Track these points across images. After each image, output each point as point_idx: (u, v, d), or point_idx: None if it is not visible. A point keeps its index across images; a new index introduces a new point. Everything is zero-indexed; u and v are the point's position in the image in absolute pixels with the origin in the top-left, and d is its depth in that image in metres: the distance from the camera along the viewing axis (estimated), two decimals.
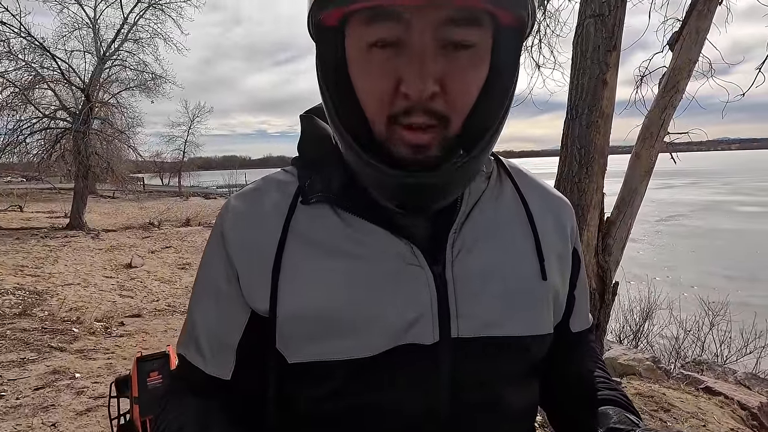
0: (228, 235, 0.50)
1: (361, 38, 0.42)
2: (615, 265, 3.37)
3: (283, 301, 0.47)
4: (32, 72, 11.15)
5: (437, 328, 0.46)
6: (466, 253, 0.49)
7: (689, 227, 16.81)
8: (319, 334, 0.46)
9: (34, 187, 22.83)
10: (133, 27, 12.32)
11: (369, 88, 0.43)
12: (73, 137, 11.45)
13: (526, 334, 0.49)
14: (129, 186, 15.04)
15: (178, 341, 0.55)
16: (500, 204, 0.53)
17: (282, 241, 0.48)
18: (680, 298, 6.28)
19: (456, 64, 0.42)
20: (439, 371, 0.46)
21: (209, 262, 0.52)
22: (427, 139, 0.43)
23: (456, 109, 0.43)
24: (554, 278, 0.53)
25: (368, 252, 0.47)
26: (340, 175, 0.49)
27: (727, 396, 3.26)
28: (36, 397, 2.57)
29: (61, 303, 5.17)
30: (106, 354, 3.34)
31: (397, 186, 0.44)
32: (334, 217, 0.49)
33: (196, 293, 0.54)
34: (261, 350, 0.49)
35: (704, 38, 3.21)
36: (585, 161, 3.20)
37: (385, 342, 0.45)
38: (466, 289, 0.47)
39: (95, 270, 7.89)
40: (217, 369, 0.50)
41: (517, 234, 0.52)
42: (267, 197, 0.51)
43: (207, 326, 0.51)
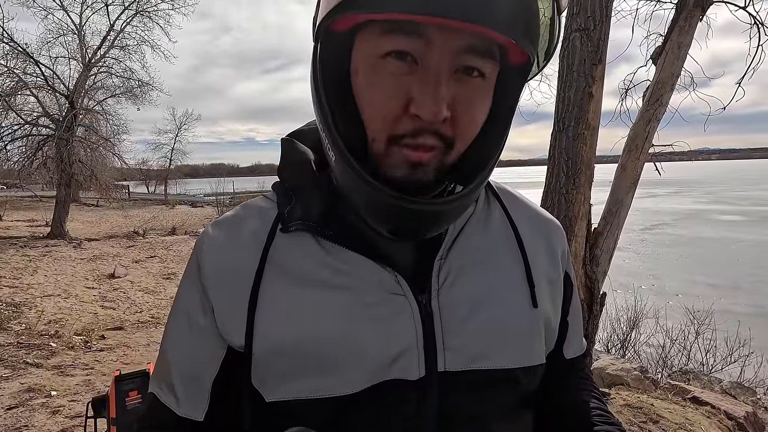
0: (204, 265, 0.47)
1: (373, 48, 0.40)
2: (603, 275, 3.39)
3: (259, 335, 0.44)
4: (14, 78, 10.95)
5: (423, 362, 0.44)
6: (452, 281, 0.47)
7: (673, 236, 17.13)
8: (298, 371, 0.44)
9: (14, 195, 22.27)
10: (120, 34, 12.21)
11: (376, 104, 0.41)
12: (55, 144, 11.24)
13: (517, 366, 0.47)
14: (113, 194, 14.77)
15: (151, 378, 0.51)
16: (488, 228, 0.51)
17: (260, 271, 0.45)
18: (666, 307, 6.36)
19: (466, 92, 0.41)
20: (425, 407, 0.44)
21: (184, 293, 0.49)
22: (426, 158, 0.41)
23: (461, 136, 0.42)
24: (545, 305, 0.51)
25: (350, 282, 0.45)
26: (320, 202, 0.47)
27: (714, 406, 3.29)
28: (8, 418, 2.45)
29: (40, 315, 5.00)
30: (84, 370, 3.22)
31: (398, 211, 0.41)
32: (315, 246, 0.46)
33: (170, 326, 0.50)
34: (237, 387, 0.46)
35: (686, 53, 3.29)
36: (572, 173, 3.23)
37: (368, 378, 0.43)
38: (452, 320, 0.45)
39: (76, 281, 7.71)
40: (190, 410, 0.47)
41: (506, 260, 0.50)
42: (245, 225, 0.49)
43: (180, 363, 0.48)
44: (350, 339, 0.43)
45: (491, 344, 0.46)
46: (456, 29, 0.38)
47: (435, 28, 0.38)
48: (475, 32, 0.38)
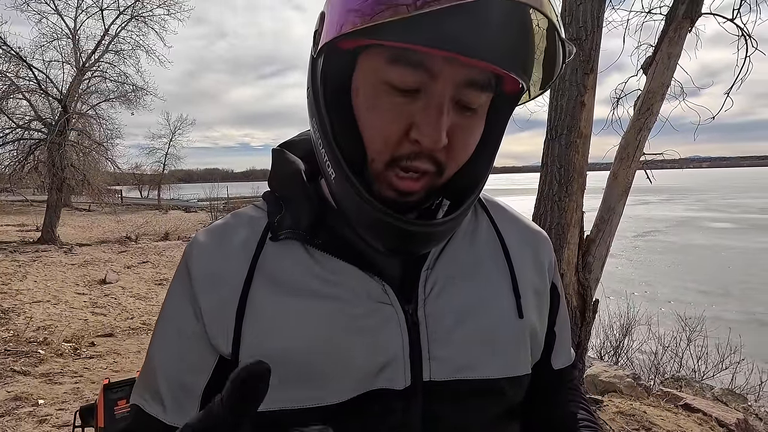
0: (193, 271, 0.47)
1: (378, 73, 0.40)
2: (595, 282, 3.41)
3: (246, 343, 0.44)
4: (6, 81, 10.87)
5: (409, 371, 0.44)
6: (438, 291, 0.47)
7: (665, 243, 17.28)
8: (284, 380, 0.43)
9: (5, 200, 22.01)
10: (115, 38, 12.18)
11: (378, 127, 0.42)
12: (48, 148, 11.14)
13: (502, 377, 0.48)
14: (106, 198, 14.64)
15: (134, 390, 0.50)
16: (475, 239, 0.52)
17: (248, 278, 0.45)
18: (658, 314, 6.40)
19: (463, 121, 0.42)
20: (411, 417, 0.44)
21: (173, 300, 0.49)
22: (417, 187, 0.43)
23: (454, 162, 0.44)
24: (531, 316, 0.51)
25: (338, 291, 0.45)
26: (309, 211, 0.48)
27: (705, 413, 3.30)
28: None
29: (28, 322, 4.93)
30: (73, 378, 3.17)
31: (395, 231, 0.42)
32: (304, 255, 0.47)
33: (158, 333, 0.50)
34: None
35: (676, 63, 3.34)
36: (565, 180, 3.26)
37: (354, 387, 0.43)
38: (438, 330, 0.46)
39: (67, 286, 7.61)
40: (178, 418, 0.46)
41: (493, 270, 0.51)
42: (235, 233, 0.49)
43: (168, 370, 0.47)
44: (337, 349, 0.44)
45: (477, 354, 0.47)
46: (463, 63, 0.39)
47: (442, 61, 0.39)
48: (480, 67, 0.39)
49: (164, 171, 31.53)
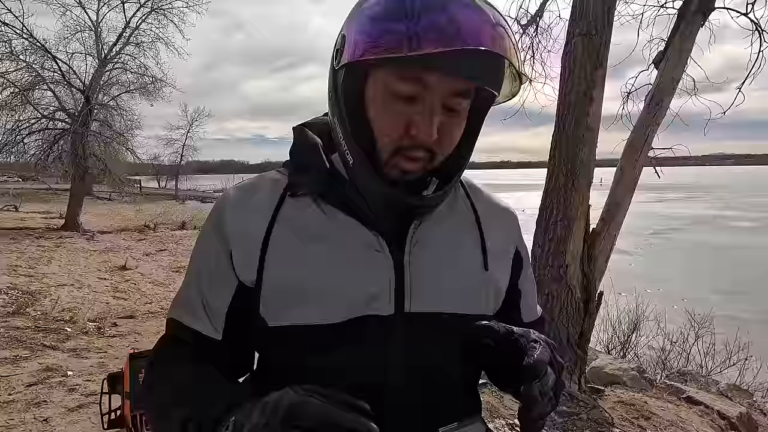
0: (226, 217, 0.60)
1: (387, 85, 0.53)
2: (600, 275, 3.46)
3: (268, 273, 0.56)
4: (33, 73, 11.22)
5: (393, 302, 0.56)
6: (422, 245, 0.59)
7: (682, 241, 16.97)
8: (296, 303, 0.55)
9: (30, 188, 22.77)
10: (135, 31, 12.44)
11: (387, 126, 0.55)
12: (71, 138, 11.50)
13: (469, 313, 0.59)
14: (125, 188, 15.04)
15: (171, 310, 0.63)
16: (453, 209, 0.65)
17: (271, 225, 0.58)
18: (670, 311, 6.36)
19: (448, 121, 0.55)
20: (393, 338, 0.56)
21: (206, 239, 0.62)
22: (415, 168, 0.56)
23: (442, 150, 0.57)
24: (495, 271, 0.64)
25: (342, 239, 0.57)
26: (323, 176, 0.60)
27: (708, 405, 3.33)
28: (28, 394, 2.61)
29: (54, 303, 5.19)
30: (98, 353, 3.38)
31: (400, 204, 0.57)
32: (316, 210, 0.59)
33: (193, 266, 0.62)
34: (245, 316, 0.58)
35: (687, 58, 3.34)
36: (571, 174, 3.30)
37: (349, 311, 0.55)
38: (419, 274, 0.58)
39: (89, 271, 7.87)
40: (211, 330, 0.59)
41: (466, 233, 0.64)
42: (261, 190, 0.62)
43: (202, 294, 0.60)
44: (340, 281, 0.56)
45: (449, 294, 0.59)
46: (453, 80, 0.52)
47: (437, 77, 0.52)
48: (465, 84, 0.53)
49: (181, 162, 32.11)
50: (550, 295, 3.35)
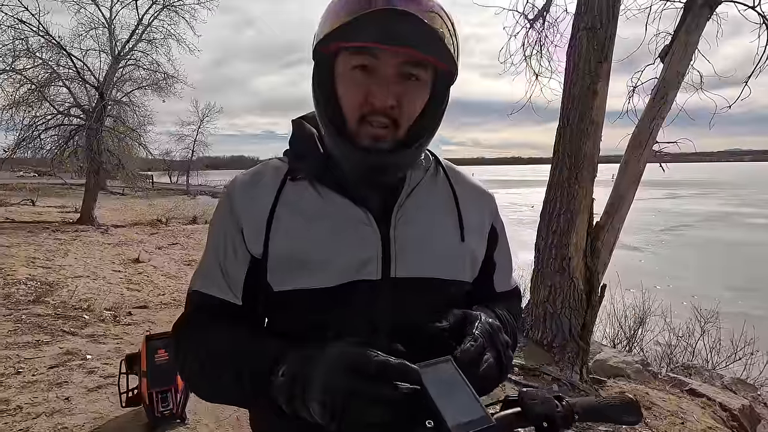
0: (236, 198, 0.69)
1: (347, 63, 0.62)
2: (603, 267, 3.50)
3: (272, 246, 0.65)
4: (48, 70, 11.46)
5: (381, 269, 0.64)
6: (405, 220, 0.67)
7: (694, 237, 16.74)
8: (297, 271, 0.64)
9: (46, 182, 23.27)
10: (148, 28, 12.62)
11: (349, 97, 0.63)
12: (86, 134, 11.73)
13: (446, 278, 0.68)
14: (138, 183, 15.29)
15: (192, 283, 0.71)
16: (434, 188, 0.73)
17: (274, 205, 0.67)
18: (678, 307, 6.33)
19: (408, 89, 0.62)
20: (381, 300, 0.64)
21: (220, 218, 0.70)
22: (383, 134, 0.62)
23: (404, 118, 0.63)
24: (471, 243, 0.72)
25: (336, 215, 0.66)
26: (318, 163, 0.68)
27: (710, 398, 3.36)
28: (50, 375, 2.74)
29: (72, 293, 5.36)
30: (115, 339, 3.52)
31: (363, 163, 0.64)
32: (312, 191, 0.68)
33: (211, 244, 0.71)
34: (258, 284, 0.66)
35: (693, 52, 3.35)
36: (575, 167, 3.34)
37: (343, 276, 0.63)
38: (403, 244, 0.66)
39: (104, 264, 8.04)
40: (232, 296, 0.67)
41: (446, 209, 0.71)
42: (265, 175, 0.70)
43: (222, 266, 0.68)
44: (334, 251, 0.64)
45: (429, 262, 0.67)
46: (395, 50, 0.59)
47: (381, 50, 0.60)
48: (405, 52, 0.60)
49: (192, 157, 32.48)
50: (553, 287, 3.40)
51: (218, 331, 0.65)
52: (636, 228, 18.63)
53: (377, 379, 0.46)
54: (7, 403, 2.37)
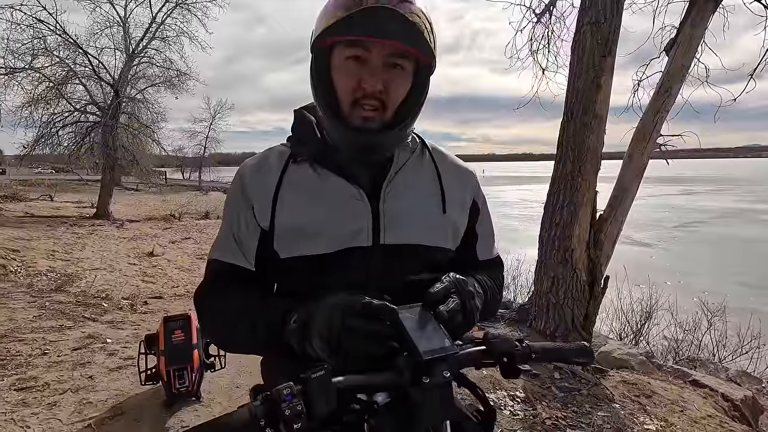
0: (246, 179, 0.79)
1: (342, 54, 0.72)
2: (606, 259, 3.55)
3: (278, 220, 0.75)
4: (66, 68, 11.74)
5: (371, 237, 0.74)
6: (393, 195, 0.77)
7: (708, 234, 16.51)
8: (300, 240, 0.74)
9: (63, 178, 23.82)
10: (161, 26, 12.83)
11: (344, 83, 0.72)
12: (101, 131, 12.01)
13: (431, 245, 0.77)
14: (152, 179, 15.59)
15: (211, 253, 0.81)
16: (419, 167, 0.82)
17: (279, 184, 0.77)
18: (688, 303, 6.32)
19: (393, 77, 0.72)
20: (373, 264, 0.74)
21: (233, 198, 0.80)
22: (372, 115, 0.72)
23: (390, 101, 0.73)
24: (453, 214, 0.81)
25: (332, 191, 0.76)
26: (317, 147, 0.78)
27: (713, 388, 3.38)
28: (74, 356, 2.90)
29: (90, 284, 5.57)
30: (132, 326, 3.68)
31: (355, 142, 0.74)
32: (312, 172, 0.78)
33: (226, 219, 0.81)
34: (266, 253, 0.76)
35: (698, 45, 3.36)
36: (578, 160, 3.39)
37: (339, 243, 0.73)
38: (391, 216, 0.75)
39: (120, 257, 8.26)
40: (246, 263, 0.77)
41: (430, 185, 0.81)
42: (270, 159, 0.81)
43: (236, 238, 0.78)
44: (331, 222, 0.73)
45: (415, 231, 0.76)
46: (383, 43, 0.69)
47: (371, 43, 0.70)
48: (392, 45, 0.69)
49: (205, 154, 32.91)
50: (556, 278, 3.46)
51: (234, 291, 0.75)
52: (648, 224, 18.42)
53: (366, 318, 0.56)
54: (36, 380, 2.54)
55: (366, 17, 0.65)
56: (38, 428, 2.12)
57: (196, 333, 2.20)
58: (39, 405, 2.30)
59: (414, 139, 0.84)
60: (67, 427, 2.15)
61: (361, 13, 0.65)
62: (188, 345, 2.09)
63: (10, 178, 23.25)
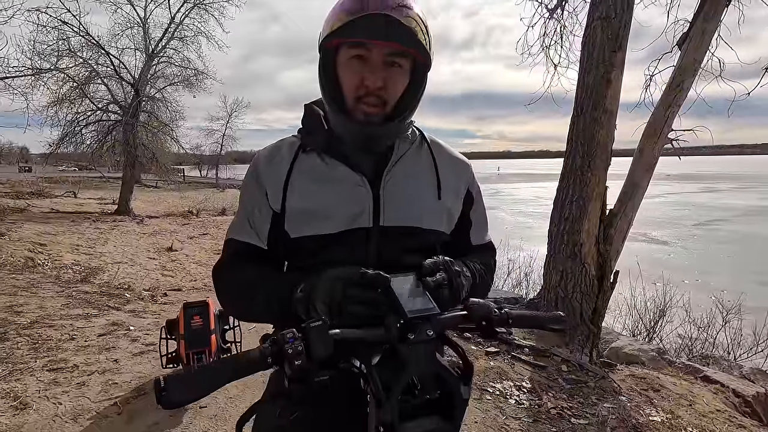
0: (260, 167, 0.88)
1: (346, 54, 0.80)
2: (615, 254, 3.56)
3: (289, 203, 0.83)
4: (88, 68, 12.11)
5: (372, 219, 0.82)
6: (393, 183, 0.84)
7: (729, 233, 16.11)
8: (308, 221, 0.82)
9: (86, 176, 24.56)
10: (179, 26, 13.13)
11: (348, 80, 0.80)
12: (122, 129, 12.36)
13: (426, 227, 0.84)
14: (171, 176, 15.95)
15: (228, 234, 0.90)
16: (418, 158, 0.90)
17: (289, 171, 0.85)
18: (706, 302, 6.22)
19: (392, 74, 0.80)
20: (373, 243, 0.81)
21: (248, 184, 0.89)
22: (373, 111, 0.80)
23: (390, 97, 0.81)
24: (447, 201, 0.88)
25: (337, 179, 0.84)
26: (324, 138, 0.86)
27: (724, 384, 3.37)
28: (100, 341, 3.07)
29: (113, 277, 5.79)
30: (153, 315, 3.85)
31: (359, 134, 0.82)
32: (320, 161, 0.86)
33: (242, 204, 0.90)
34: (278, 234, 0.85)
35: (710, 39, 3.34)
36: (588, 155, 3.41)
37: (344, 224, 0.81)
38: (391, 200, 0.83)
39: (140, 251, 8.51)
40: (259, 242, 0.86)
41: (427, 174, 0.88)
42: (282, 149, 0.89)
43: (251, 219, 0.87)
44: (335, 206, 0.81)
45: (412, 215, 0.83)
46: (383, 44, 0.77)
47: (372, 44, 0.78)
48: (390, 46, 0.77)
49: (221, 152, 33.45)
50: (565, 272, 3.49)
51: (250, 266, 0.84)
52: (666, 222, 18.06)
53: (363, 287, 0.64)
54: (66, 362, 2.70)
55: (368, 22, 0.73)
56: (69, 405, 2.27)
57: (214, 319, 2.32)
58: (69, 384, 2.46)
59: (414, 132, 0.91)
60: (95, 404, 2.30)
61: (363, 18, 0.73)
62: (206, 330, 2.21)
63: (36, 176, 24.09)
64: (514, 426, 2.42)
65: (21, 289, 4.18)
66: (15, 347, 2.88)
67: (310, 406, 0.75)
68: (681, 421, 2.64)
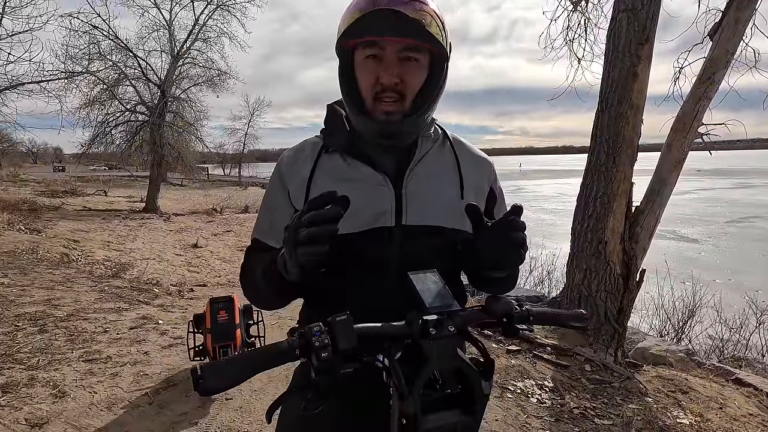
0: (283, 169, 0.90)
1: (362, 54, 0.80)
2: (642, 252, 3.47)
3: None
4: (118, 70, 12.54)
5: (394, 218, 0.82)
6: (415, 182, 0.85)
7: (765, 230, 15.42)
8: None
9: (116, 175, 25.43)
10: (203, 27, 13.43)
11: (365, 80, 0.80)
12: (150, 129, 12.75)
13: (447, 227, 0.84)
14: (195, 175, 16.34)
15: (253, 232, 0.93)
16: (440, 156, 0.90)
17: (312, 172, 0.87)
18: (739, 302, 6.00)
19: (408, 69, 0.80)
20: (395, 242, 0.82)
21: (272, 185, 0.92)
22: (392, 109, 0.81)
23: (407, 92, 0.81)
24: (469, 199, 0.87)
25: (360, 179, 0.85)
26: (346, 138, 0.88)
27: (757, 388, 3.25)
28: (131, 334, 3.20)
29: (142, 272, 6.00)
30: (180, 309, 3.98)
31: (379, 130, 0.82)
32: (342, 161, 0.87)
33: (265, 203, 0.93)
34: None
35: (744, 29, 3.20)
36: (612, 151, 3.33)
37: (367, 223, 0.82)
38: (413, 200, 0.84)
39: (167, 248, 8.76)
40: (278, 243, 0.86)
41: (449, 173, 0.88)
42: (305, 150, 0.91)
43: (272, 221, 0.90)
44: (359, 205, 0.80)
45: (434, 214, 0.83)
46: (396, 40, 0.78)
47: (386, 41, 0.78)
48: (404, 41, 0.78)
49: (244, 150, 34.06)
50: (589, 270, 3.42)
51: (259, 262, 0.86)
52: (698, 219, 17.42)
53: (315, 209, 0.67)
54: (100, 353, 2.83)
55: (378, 19, 0.73)
56: (104, 394, 2.38)
57: (239, 314, 2.38)
58: (103, 375, 2.57)
59: (436, 130, 0.91)
60: (127, 394, 2.40)
61: (372, 14, 0.73)
62: (232, 324, 2.28)
63: (69, 175, 25.09)
64: (536, 425, 2.40)
65: (57, 284, 4.39)
66: (54, 338, 3.03)
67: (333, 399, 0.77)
68: (711, 425, 2.57)
